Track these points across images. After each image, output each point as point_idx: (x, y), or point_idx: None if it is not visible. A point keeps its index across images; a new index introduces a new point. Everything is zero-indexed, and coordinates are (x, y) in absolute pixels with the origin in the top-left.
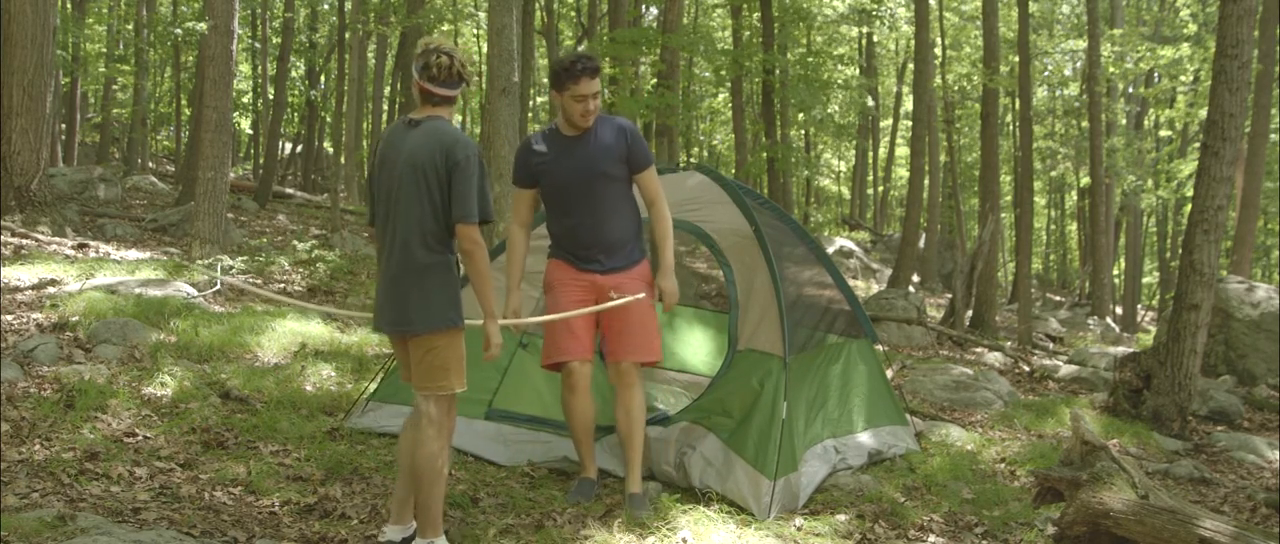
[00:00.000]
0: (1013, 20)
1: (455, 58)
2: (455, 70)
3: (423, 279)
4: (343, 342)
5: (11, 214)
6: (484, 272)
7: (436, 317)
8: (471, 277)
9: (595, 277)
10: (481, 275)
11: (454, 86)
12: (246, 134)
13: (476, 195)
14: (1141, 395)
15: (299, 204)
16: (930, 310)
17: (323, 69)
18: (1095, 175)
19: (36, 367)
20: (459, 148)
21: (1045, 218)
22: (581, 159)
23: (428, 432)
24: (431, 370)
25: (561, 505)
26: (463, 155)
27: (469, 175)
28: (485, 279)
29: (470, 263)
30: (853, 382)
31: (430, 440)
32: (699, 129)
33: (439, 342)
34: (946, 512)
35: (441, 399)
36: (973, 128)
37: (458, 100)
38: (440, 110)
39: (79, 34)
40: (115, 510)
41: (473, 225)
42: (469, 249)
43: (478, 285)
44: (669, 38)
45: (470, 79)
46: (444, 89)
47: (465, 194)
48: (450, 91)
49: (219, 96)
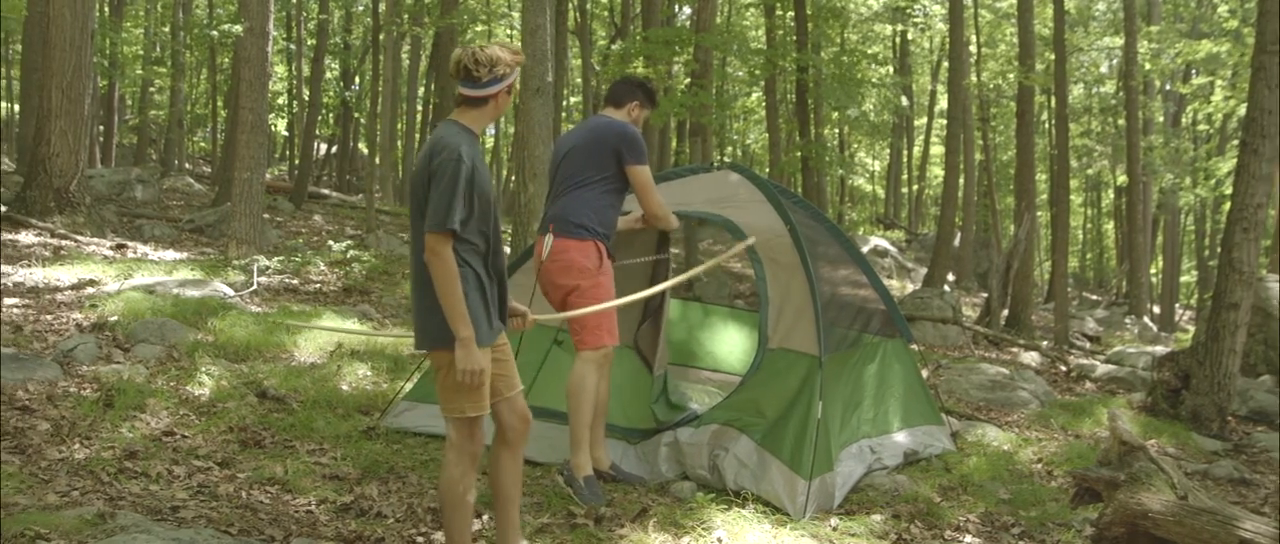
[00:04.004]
0: (1048, 17)
1: (467, 53)
2: (464, 66)
3: (426, 293)
4: (378, 342)
5: (51, 215)
6: (443, 286)
7: (434, 335)
8: (436, 291)
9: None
10: (441, 291)
11: (469, 84)
12: (282, 135)
13: (444, 204)
14: (1180, 395)
15: (334, 204)
16: (966, 310)
17: (357, 70)
18: (1132, 173)
19: (76, 366)
20: (437, 154)
21: (1082, 216)
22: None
23: (448, 456)
24: (444, 391)
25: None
26: (438, 162)
27: (439, 182)
28: (447, 295)
29: (431, 274)
30: (888, 381)
31: (449, 466)
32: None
33: (442, 361)
34: (983, 512)
35: (460, 423)
36: (1008, 126)
37: (490, 102)
38: (466, 112)
39: (116, 37)
40: (154, 509)
41: (434, 234)
42: (428, 259)
43: (442, 302)
44: (702, 37)
45: (490, 75)
46: (463, 88)
47: (434, 199)
48: (468, 90)
49: (255, 98)
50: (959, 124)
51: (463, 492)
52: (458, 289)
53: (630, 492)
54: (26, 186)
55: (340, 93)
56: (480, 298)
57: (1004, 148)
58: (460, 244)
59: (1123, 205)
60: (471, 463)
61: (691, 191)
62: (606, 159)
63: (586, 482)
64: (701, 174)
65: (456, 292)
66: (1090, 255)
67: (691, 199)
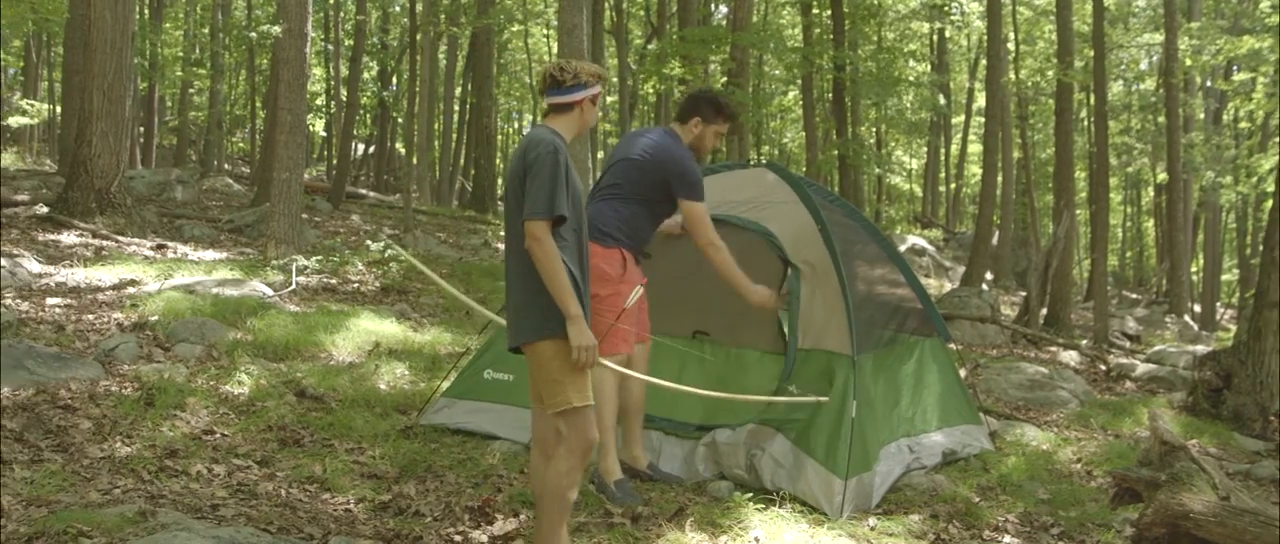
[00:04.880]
0: (1087, 14)
1: (552, 66)
2: (550, 74)
3: (524, 287)
4: (416, 340)
5: (92, 216)
6: (546, 268)
7: (534, 326)
8: (541, 274)
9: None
10: (545, 272)
11: (555, 91)
12: (320, 135)
13: (544, 192)
14: (1221, 395)
15: (372, 204)
16: (1004, 308)
17: (394, 70)
18: (1173, 171)
19: (117, 365)
20: (532, 149)
21: (1121, 214)
22: None
23: (558, 450)
24: (546, 386)
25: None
26: (535, 154)
27: (537, 172)
28: (553, 276)
29: (534, 260)
30: (926, 380)
31: (557, 460)
32: (769, 127)
33: (545, 353)
34: (1022, 512)
35: (567, 416)
36: (1047, 123)
37: (575, 108)
38: (555, 119)
39: (156, 39)
40: (194, 507)
41: (535, 221)
42: (529, 245)
43: (548, 284)
44: (739, 36)
45: (575, 80)
46: (549, 96)
47: (532, 191)
48: (554, 97)
49: (293, 98)
50: (997, 122)
51: (567, 487)
52: (562, 270)
53: (667, 491)
54: (68, 188)
55: (378, 93)
56: (576, 293)
57: (1042, 146)
58: (556, 240)
59: (1163, 203)
60: (583, 457)
61: (728, 189)
62: (652, 185)
63: (617, 485)
64: (738, 171)
65: (561, 272)
66: (1130, 254)
67: (728, 197)
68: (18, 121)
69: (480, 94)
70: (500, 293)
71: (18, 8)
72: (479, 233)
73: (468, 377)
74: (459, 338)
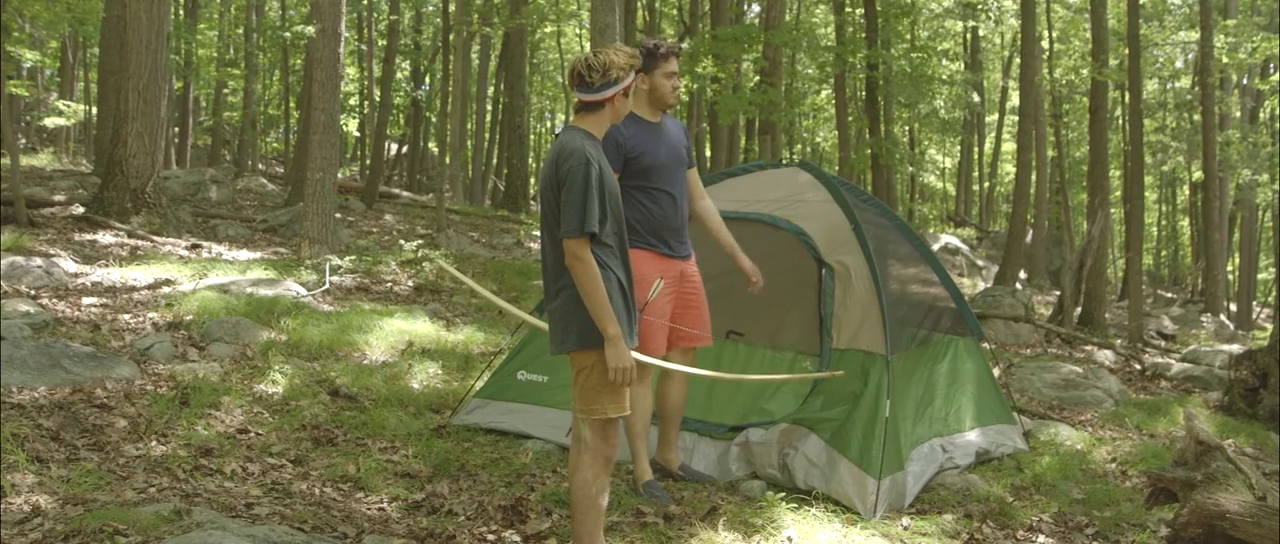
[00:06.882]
0: (1122, 12)
1: (580, 60)
2: (577, 72)
3: (566, 295)
4: (449, 340)
5: (128, 216)
6: (586, 288)
7: (576, 336)
8: (580, 293)
9: (683, 264)
10: (586, 292)
11: (584, 90)
12: (353, 135)
13: (578, 208)
14: (1258, 394)
15: (405, 204)
16: (1038, 307)
17: (427, 70)
18: (1208, 170)
19: (152, 364)
20: (564, 160)
21: (1156, 213)
22: (667, 142)
23: (582, 457)
24: (583, 393)
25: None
26: (566, 168)
27: (572, 187)
28: (592, 295)
29: (574, 278)
30: (959, 380)
31: (584, 466)
32: (802, 126)
33: (585, 362)
34: (1056, 512)
35: (596, 424)
36: (1081, 122)
37: (605, 106)
38: (584, 117)
39: (191, 39)
40: (229, 506)
41: (573, 239)
42: (569, 263)
43: (587, 303)
44: (771, 35)
45: (603, 79)
46: (579, 93)
47: (567, 207)
48: (583, 95)
49: (327, 99)
50: (1031, 120)
51: (595, 493)
52: (602, 289)
53: (700, 491)
54: (104, 187)
55: (411, 93)
56: (623, 301)
57: (1077, 144)
58: (600, 248)
59: (1198, 202)
60: (606, 465)
61: (760, 188)
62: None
63: (646, 487)
64: (771, 170)
65: (601, 292)
66: (1165, 252)
67: (761, 196)
68: (54, 122)
69: (513, 93)
70: (532, 291)
71: (54, 8)
72: (511, 232)
73: (501, 377)
74: (492, 337)
